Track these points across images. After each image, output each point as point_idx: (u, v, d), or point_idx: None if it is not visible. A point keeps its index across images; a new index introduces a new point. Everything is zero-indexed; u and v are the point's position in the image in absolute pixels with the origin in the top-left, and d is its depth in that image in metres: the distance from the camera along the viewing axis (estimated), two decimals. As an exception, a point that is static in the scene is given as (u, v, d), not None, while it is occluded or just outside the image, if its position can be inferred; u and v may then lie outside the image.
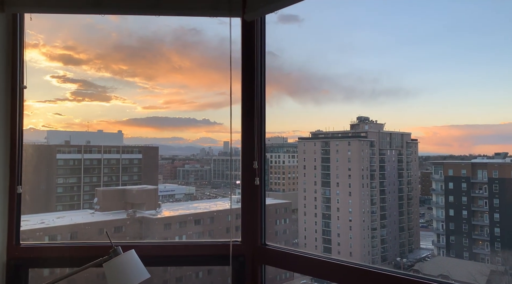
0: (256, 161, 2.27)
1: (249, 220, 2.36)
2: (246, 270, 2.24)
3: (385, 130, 26.07)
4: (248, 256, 2.26)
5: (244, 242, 2.32)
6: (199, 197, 24.39)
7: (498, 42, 27.75)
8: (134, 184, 16.80)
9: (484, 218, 22.36)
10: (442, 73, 30.72)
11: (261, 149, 2.33)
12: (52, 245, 2.39)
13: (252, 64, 2.28)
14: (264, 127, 2.34)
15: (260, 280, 2.25)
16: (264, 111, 2.34)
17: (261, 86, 2.30)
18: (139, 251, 1.97)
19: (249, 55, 2.26)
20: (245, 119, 2.33)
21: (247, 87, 2.30)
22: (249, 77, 2.29)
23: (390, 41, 31.76)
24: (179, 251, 2.36)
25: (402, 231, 26.49)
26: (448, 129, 31.86)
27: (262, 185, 2.35)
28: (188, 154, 27.29)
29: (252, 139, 2.31)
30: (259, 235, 2.34)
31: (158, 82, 22.47)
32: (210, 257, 2.34)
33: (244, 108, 2.32)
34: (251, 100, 2.31)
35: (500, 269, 21.10)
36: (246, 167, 2.34)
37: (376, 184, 25.22)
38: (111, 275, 1.90)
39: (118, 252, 1.94)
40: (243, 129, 2.34)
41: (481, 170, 22.34)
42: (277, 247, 2.29)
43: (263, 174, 2.36)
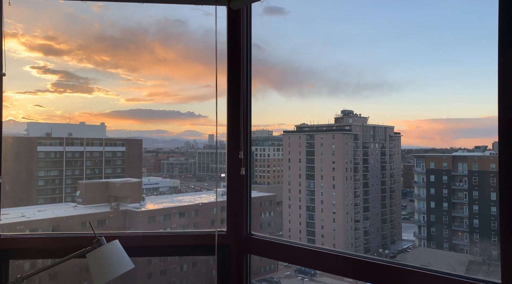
0: (241, 151, 2.25)
1: (234, 210, 2.36)
2: (232, 260, 2.24)
3: (369, 124, 26.38)
4: (233, 246, 2.27)
5: (229, 232, 2.32)
6: (183, 190, 24.27)
7: (480, 38, 28.17)
8: (118, 177, 16.61)
9: (463, 209, 22.93)
10: (425, 67, 31.17)
11: (246, 139, 2.32)
12: (33, 236, 2.33)
13: (238, 54, 2.26)
14: (250, 118, 2.33)
15: (245, 270, 2.25)
16: (250, 101, 2.33)
17: (247, 75, 2.30)
18: (123, 241, 1.95)
19: (235, 45, 2.25)
20: (231, 109, 2.31)
21: (233, 76, 2.30)
22: (235, 65, 2.27)
23: (375, 35, 31.96)
24: (163, 241, 2.34)
25: (384, 223, 26.96)
26: (430, 123, 32.41)
27: (247, 175, 2.35)
28: (172, 146, 27.09)
29: (238, 129, 2.29)
30: (245, 224, 2.34)
31: (142, 74, 22.14)
32: (194, 247, 2.33)
33: (230, 97, 2.31)
34: (237, 90, 2.28)
35: (478, 259, 21.72)
36: (232, 157, 2.33)
37: (360, 176, 25.55)
38: (94, 266, 1.87)
39: (102, 242, 1.91)
40: (229, 119, 2.33)
41: (461, 163, 22.84)
42: (263, 236, 2.30)
43: (249, 164, 2.35)
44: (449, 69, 29.60)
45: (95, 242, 1.91)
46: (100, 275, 1.85)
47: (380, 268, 1.74)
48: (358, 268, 1.85)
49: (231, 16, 2.23)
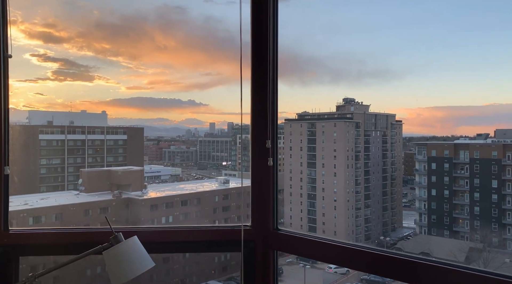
0: (269, 139, 2.13)
1: (260, 203, 2.23)
2: (257, 256, 2.13)
3: (370, 112, 26.26)
4: (258, 242, 2.15)
5: (254, 226, 2.20)
6: (185, 178, 24.28)
7: (482, 24, 27.86)
8: (119, 165, 16.58)
9: (464, 197, 22.98)
10: (426, 55, 30.88)
11: (273, 127, 2.19)
12: (44, 231, 2.20)
13: (266, 37, 2.11)
14: (277, 105, 2.20)
15: (272, 267, 2.14)
16: (277, 87, 2.18)
17: (274, 59, 2.14)
18: (141, 237, 1.83)
19: (261, 27, 2.10)
20: (257, 95, 2.18)
21: (259, 59, 2.15)
22: (262, 49, 2.13)
23: (377, 23, 31.62)
24: (184, 236, 2.23)
25: (385, 210, 27.05)
26: (432, 110, 32.25)
27: (275, 165, 2.23)
28: (173, 135, 27.02)
29: (265, 116, 2.16)
30: (271, 219, 2.21)
31: (142, 62, 21.89)
32: (217, 242, 2.23)
33: (256, 83, 2.16)
34: (264, 75, 2.14)
35: (479, 246, 21.86)
36: (258, 147, 2.21)
37: (361, 164, 25.54)
38: (112, 264, 1.75)
39: (120, 238, 1.78)
40: (254, 106, 2.19)
41: (463, 150, 22.80)
42: (291, 232, 2.18)
43: (276, 154, 2.23)
44: (450, 56, 29.33)
45: (112, 238, 1.78)
46: (119, 275, 1.73)
47: (419, 267, 1.62)
48: (398, 269, 1.73)
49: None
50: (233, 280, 14.31)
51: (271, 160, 2.12)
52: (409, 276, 1.71)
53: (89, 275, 11.48)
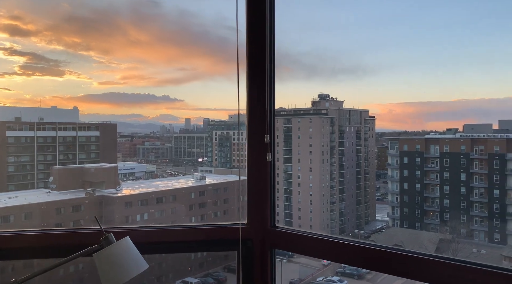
0: (268, 134, 2.07)
1: (257, 200, 2.17)
2: (255, 255, 2.06)
3: (344, 108, 26.65)
4: (256, 240, 2.09)
5: (251, 224, 2.13)
6: (160, 175, 23.91)
7: (451, 22, 28.70)
8: (92, 162, 16.18)
9: (435, 190, 23.75)
10: (398, 52, 31.56)
11: (271, 122, 2.14)
12: (28, 232, 2.04)
13: (263, 28, 2.05)
14: (274, 98, 2.15)
15: (270, 266, 2.09)
16: (274, 80, 2.14)
17: (271, 51, 2.10)
18: (134, 237, 1.74)
19: (258, 18, 2.03)
20: (254, 88, 2.12)
21: (256, 52, 2.09)
22: (260, 41, 2.08)
23: (351, 21, 32.01)
24: (178, 236, 2.15)
25: (359, 204, 27.61)
26: (403, 106, 33.07)
27: (273, 161, 2.18)
28: (147, 131, 26.54)
29: (263, 111, 2.10)
30: (269, 216, 2.16)
31: (115, 56, 21.33)
32: (214, 242, 2.15)
33: (251, 75, 2.11)
34: (261, 65, 2.07)
35: (448, 237, 22.67)
36: (255, 142, 2.15)
37: (336, 159, 25.92)
38: (103, 267, 1.65)
39: (111, 240, 1.68)
40: (251, 100, 2.13)
41: (433, 145, 23.53)
42: (290, 229, 2.13)
43: (274, 149, 2.19)
44: (420, 53, 30.13)
45: (103, 239, 1.68)
46: (111, 278, 1.63)
47: (423, 262, 1.62)
48: (402, 265, 1.71)
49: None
50: (210, 277, 14.23)
51: (270, 155, 2.07)
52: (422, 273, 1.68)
53: (62, 274, 11.16)
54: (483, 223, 22.79)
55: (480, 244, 22.38)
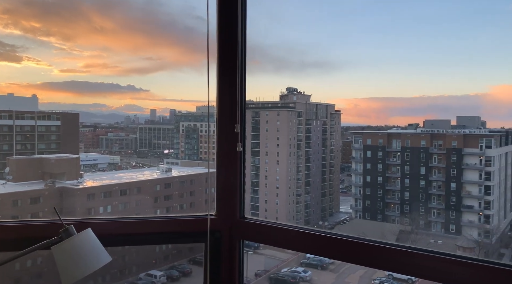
0: (238, 124, 2.04)
1: (226, 191, 2.14)
2: (223, 246, 2.05)
3: (311, 102, 26.99)
4: (225, 231, 2.07)
5: (220, 215, 2.10)
6: (124, 166, 23.38)
7: (416, 20, 29.58)
8: (52, 153, 15.56)
9: (396, 183, 24.63)
10: (363, 48, 32.29)
11: (242, 111, 2.11)
12: None
13: (235, 17, 2.02)
14: (245, 88, 2.12)
15: (238, 257, 2.09)
16: (245, 69, 2.11)
17: (242, 39, 2.07)
18: (96, 229, 1.67)
19: (227, 4, 1.98)
20: (225, 76, 2.08)
21: (226, 39, 2.05)
22: (231, 29, 2.04)
23: (318, 15, 32.31)
24: (144, 228, 2.09)
25: (324, 196, 28.21)
26: (367, 101, 33.95)
27: (243, 151, 2.16)
28: (111, 121, 25.79)
29: (234, 99, 2.07)
30: (238, 207, 2.13)
31: (77, 43, 20.49)
32: (181, 233, 2.11)
33: (222, 64, 2.06)
34: (232, 52, 2.03)
35: (407, 228, 23.62)
36: (225, 131, 2.11)
37: (302, 152, 26.29)
38: (63, 261, 1.56)
39: (71, 232, 1.59)
40: (221, 88, 2.09)
41: (395, 139, 24.33)
42: (259, 220, 2.12)
43: (245, 139, 2.16)
44: (385, 50, 30.97)
45: (62, 231, 1.58)
46: (71, 272, 1.55)
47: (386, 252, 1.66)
48: (370, 255, 1.73)
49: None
50: (175, 269, 14.12)
51: (240, 145, 2.04)
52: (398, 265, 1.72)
53: (18, 269, 10.71)
54: (440, 215, 23.92)
55: (437, 234, 23.49)
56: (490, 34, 27.87)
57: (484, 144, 23.34)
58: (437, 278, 1.58)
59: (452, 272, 1.54)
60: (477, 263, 1.50)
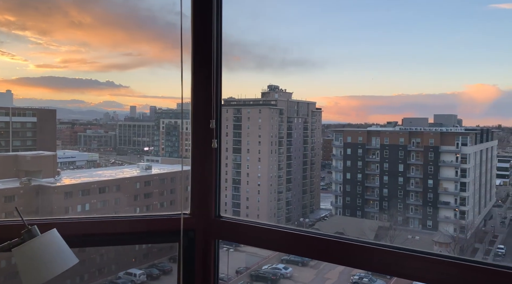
0: (214, 119, 1.98)
1: (201, 189, 2.07)
2: (197, 246, 1.98)
3: (293, 99, 27.10)
4: (199, 231, 2.00)
5: (194, 214, 2.03)
6: (103, 164, 22.99)
7: (394, 20, 30.01)
8: (28, 150, 15.19)
9: (375, 180, 25.03)
10: (344, 47, 32.58)
11: (217, 106, 2.05)
12: None
13: (210, 11, 1.99)
14: (221, 82, 2.06)
15: (213, 258, 2.01)
16: (221, 65, 2.06)
17: (218, 35, 2.03)
18: (62, 230, 1.58)
19: (203, 4, 1.95)
20: (199, 72, 2.04)
21: (201, 36, 2.02)
22: (206, 25, 2.00)
23: (300, 13, 32.42)
24: (114, 228, 2.01)
25: (305, 193, 28.43)
26: (348, 99, 34.34)
27: (219, 148, 2.09)
28: (90, 118, 25.30)
29: (209, 95, 2.01)
30: (213, 206, 2.06)
31: (54, 38, 19.98)
32: (153, 233, 2.03)
33: (197, 57, 2.02)
34: (207, 46, 1.99)
35: (386, 224, 24.06)
36: (199, 127, 2.06)
37: (284, 150, 26.41)
38: (24, 264, 1.47)
39: (34, 233, 1.50)
40: (195, 82, 2.04)
41: (375, 137, 24.72)
42: (234, 219, 2.05)
43: (220, 136, 2.10)
44: (365, 49, 31.36)
45: (24, 232, 1.48)
46: (34, 275, 1.46)
47: (368, 250, 1.65)
48: (347, 253, 1.71)
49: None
50: (155, 268, 14.00)
51: (215, 142, 1.98)
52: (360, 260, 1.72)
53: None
54: (418, 211, 24.45)
55: (414, 230, 24.02)
56: (467, 35, 28.55)
57: (460, 141, 23.95)
58: (415, 277, 1.59)
59: (429, 270, 1.55)
60: (453, 261, 1.52)
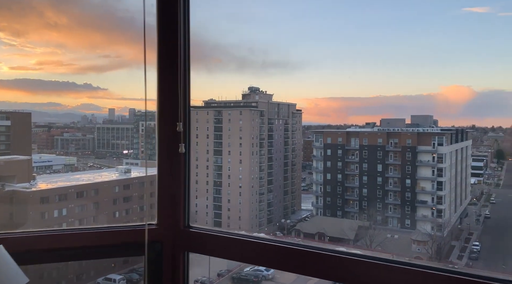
0: (181, 122, 1.81)
1: (168, 197, 1.90)
2: (165, 259, 1.82)
3: (273, 101, 27.23)
4: (167, 243, 1.85)
5: (161, 225, 1.88)
6: (81, 168, 22.57)
7: (373, 22, 30.47)
8: (2, 154, 14.79)
9: (355, 180, 25.39)
10: (324, 49, 32.92)
11: (185, 109, 1.88)
12: None
13: (176, 13, 1.89)
14: (189, 84, 1.92)
15: (182, 271, 1.85)
16: (189, 66, 1.94)
17: (185, 37, 1.93)
18: (11, 245, 1.44)
19: (169, 5, 1.90)
20: (165, 74, 1.92)
21: (167, 37, 1.92)
22: (172, 26, 1.90)
23: (280, 15, 32.57)
24: (71, 242, 1.82)
25: (286, 194, 28.58)
26: (327, 101, 34.71)
27: (187, 152, 1.89)
28: (67, 121, 24.77)
29: (176, 97, 1.85)
30: (182, 215, 1.90)
31: (29, 39, 19.51)
32: (116, 246, 1.86)
33: (162, 60, 1.91)
34: (173, 49, 1.87)
35: (366, 224, 24.42)
36: (166, 131, 1.88)
37: (265, 151, 26.50)
38: None
39: None
40: (161, 84, 1.90)
41: (354, 138, 25.08)
42: (206, 229, 1.90)
43: (189, 140, 1.93)
44: (343, 51, 31.78)
45: None
46: None
47: (343, 262, 1.58)
48: (323, 264, 1.62)
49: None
50: (135, 272, 13.83)
51: (183, 146, 1.81)
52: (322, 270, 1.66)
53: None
54: (396, 210, 24.91)
55: (393, 229, 24.46)
56: (442, 37, 29.23)
57: (437, 141, 24.54)
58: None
59: (398, 281, 1.52)
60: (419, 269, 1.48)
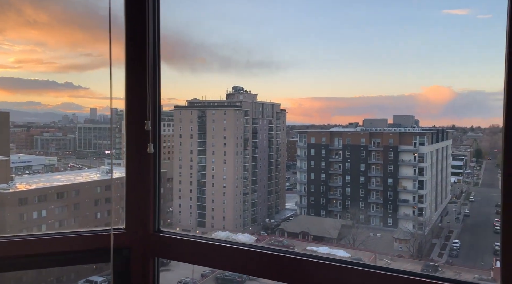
0: (149, 120, 1.70)
1: (137, 200, 1.79)
2: (133, 266, 1.68)
3: (258, 101, 27.33)
4: (135, 248, 1.72)
5: (129, 229, 1.75)
6: (61, 168, 22.13)
7: (357, 22, 30.88)
8: (-22, 155, 14.32)
9: (338, 180, 25.67)
10: (307, 49, 33.21)
11: (154, 107, 1.78)
12: None
13: (144, 9, 1.81)
14: (159, 81, 1.82)
15: (152, 278, 1.72)
16: (159, 63, 1.85)
17: (155, 34, 1.86)
18: None
19: (136, 3, 1.83)
20: (132, 72, 1.83)
21: (135, 34, 1.84)
22: (140, 23, 1.82)
23: (264, 15, 32.71)
24: (31, 248, 1.67)
25: (270, 194, 28.67)
26: (311, 101, 34.97)
27: (157, 153, 1.78)
28: (47, 120, 24.28)
29: (144, 94, 1.74)
30: (152, 219, 1.77)
31: (7, 37, 19.11)
32: (80, 253, 1.71)
33: (130, 56, 1.82)
34: (141, 45, 1.78)
35: (349, 223, 24.68)
36: (134, 131, 1.77)
37: (249, 151, 26.54)
38: None
39: None
40: (128, 80, 1.81)
41: (337, 137, 25.38)
42: (177, 234, 1.78)
43: (158, 139, 1.82)
44: (327, 51, 32.06)
45: None
46: None
47: (317, 266, 1.53)
48: (295, 270, 1.56)
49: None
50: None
51: (151, 146, 1.69)
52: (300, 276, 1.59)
53: None
54: (379, 209, 25.28)
55: (376, 228, 24.81)
56: (423, 39, 29.76)
57: (418, 141, 25.01)
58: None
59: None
60: (401, 275, 1.47)
